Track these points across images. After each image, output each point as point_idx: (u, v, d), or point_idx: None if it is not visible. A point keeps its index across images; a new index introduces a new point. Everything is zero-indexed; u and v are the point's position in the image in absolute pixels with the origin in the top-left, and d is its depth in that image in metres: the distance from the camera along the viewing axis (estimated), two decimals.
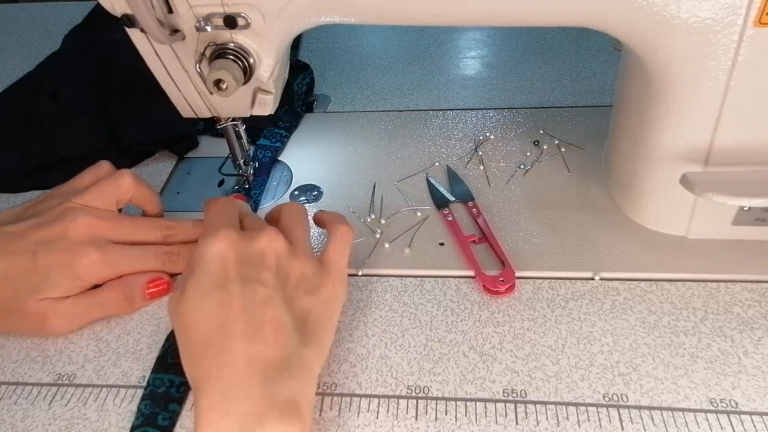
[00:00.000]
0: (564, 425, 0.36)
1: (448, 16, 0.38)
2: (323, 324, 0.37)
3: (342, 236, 0.41)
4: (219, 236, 0.36)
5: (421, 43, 0.76)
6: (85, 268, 0.41)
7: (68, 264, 0.40)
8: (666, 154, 0.43)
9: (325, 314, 0.37)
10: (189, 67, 0.42)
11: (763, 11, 0.35)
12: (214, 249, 0.35)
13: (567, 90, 0.64)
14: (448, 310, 0.43)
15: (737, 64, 0.37)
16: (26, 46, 0.82)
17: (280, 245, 0.37)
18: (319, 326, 0.36)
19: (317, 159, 0.58)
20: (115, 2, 0.37)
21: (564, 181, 0.53)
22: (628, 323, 0.41)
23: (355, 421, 0.37)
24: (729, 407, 0.36)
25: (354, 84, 0.69)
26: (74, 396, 0.40)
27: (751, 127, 0.40)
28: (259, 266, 0.36)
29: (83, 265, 0.41)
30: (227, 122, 0.49)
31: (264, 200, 0.53)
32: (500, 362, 0.39)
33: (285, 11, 0.38)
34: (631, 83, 0.44)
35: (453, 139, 0.58)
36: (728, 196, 0.39)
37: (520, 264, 0.45)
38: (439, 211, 0.50)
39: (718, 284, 0.43)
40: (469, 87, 0.66)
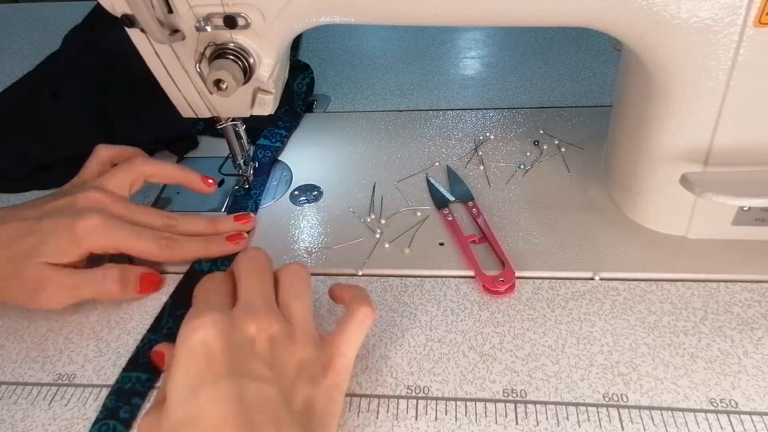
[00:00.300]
0: (564, 425, 0.36)
1: (448, 16, 0.38)
2: (326, 420, 0.32)
3: (361, 321, 0.35)
4: (203, 321, 0.31)
5: (421, 43, 0.76)
6: (84, 229, 0.41)
7: (68, 226, 0.41)
8: (666, 154, 0.43)
9: (328, 406, 0.33)
10: (189, 67, 0.42)
11: (763, 11, 0.35)
12: (197, 337, 0.31)
13: (567, 90, 0.64)
14: (447, 310, 0.43)
15: (737, 64, 0.37)
16: (26, 46, 0.82)
17: (272, 328, 0.32)
18: (325, 417, 0.32)
19: (317, 159, 0.58)
20: (115, 2, 0.37)
21: (564, 181, 0.53)
22: (628, 323, 0.41)
23: (355, 421, 0.37)
24: (729, 407, 0.36)
25: (354, 84, 0.69)
26: (74, 396, 0.40)
27: (751, 127, 0.40)
28: (250, 356, 0.31)
29: (83, 227, 0.41)
30: (227, 122, 0.49)
31: (264, 200, 0.53)
32: (500, 362, 0.39)
33: (285, 11, 0.38)
34: (631, 83, 0.44)
35: (453, 139, 0.58)
36: (728, 196, 0.39)
37: (520, 264, 0.45)
38: (439, 211, 0.50)
39: (718, 284, 0.43)
40: (469, 87, 0.66)
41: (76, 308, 0.45)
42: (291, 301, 0.35)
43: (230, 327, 0.32)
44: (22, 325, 0.45)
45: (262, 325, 0.32)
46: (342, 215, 0.51)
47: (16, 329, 0.44)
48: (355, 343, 0.35)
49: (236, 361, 0.31)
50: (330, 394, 0.33)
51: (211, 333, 0.31)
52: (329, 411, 0.33)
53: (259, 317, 0.33)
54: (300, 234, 0.50)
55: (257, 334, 0.32)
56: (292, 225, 0.51)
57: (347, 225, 0.50)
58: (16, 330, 0.44)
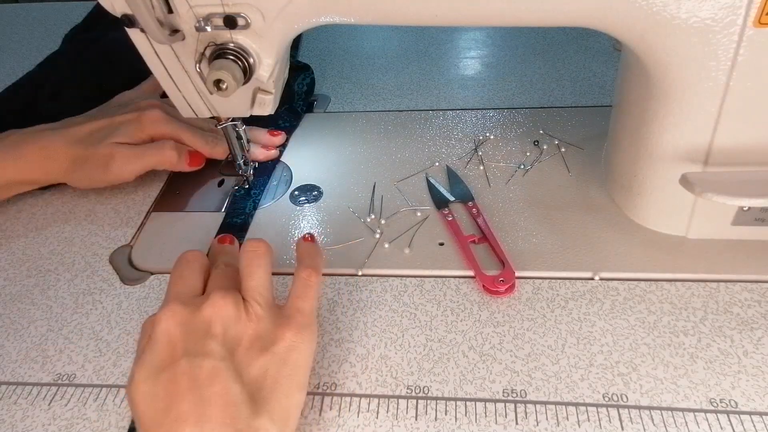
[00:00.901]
0: (564, 425, 0.36)
1: (448, 16, 0.38)
2: (282, 385, 0.34)
3: (304, 280, 0.38)
4: (165, 313, 0.35)
5: (421, 43, 0.76)
6: (148, 118, 0.52)
7: (136, 117, 0.52)
8: (666, 154, 0.43)
9: (283, 373, 0.35)
10: (189, 67, 0.41)
11: (762, 11, 0.35)
12: (161, 327, 0.34)
13: (567, 90, 0.64)
14: (447, 310, 0.43)
15: (737, 65, 0.37)
16: (26, 46, 0.82)
17: (226, 310, 0.35)
18: (277, 389, 0.34)
19: (317, 159, 0.58)
20: (115, 2, 0.37)
21: (564, 181, 0.53)
22: (628, 323, 0.41)
23: (355, 421, 0.37)
24: (729, 407, 0.36)
25: (354, 84, 0.69)
26: (74, 396, 0.40)
27: (750, 127, 0.40)
28: (206, 337, 0.34)
29: (148, 117, 0.52)
30: (227, 122, 0.49)
31: (264, 200, 0.53)
32: (500, 362, 0.39)
33: (285, 11, 0.38)
34: (631, 83, 0.44)
35: (453, 139, 0.58)
36: (728, 196, 0.39)
37: (520, 264, 0.45)
38: (438, 211, 0.50)
39: (718, 284, 0.43)
40: (469, 87, 0.66)
41: (76, 308, 0.46)
42: (246, 279, 0.38)
43: (190, 316, 0.35)
44: (22, 325, 0.45)
45: (216, 305, 0.35)
46: (342, 215, 0.51)
47: (16, 329, 0.45)
48: (307, 298, 0.38)
49: (192, 344, 0.34)
50: (286, 357, 0.35)
51: (171, 323, 0.35)
52: (284, 373, 0.35)
53: (213, 299, 0.35)
54: (300, 234, 0.50)
55: (212, 315, 0.35)
56: (292, 225, 0.51)
57: (347, 225, 0.50)
58: (16, 330, 0.44)
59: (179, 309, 0.35)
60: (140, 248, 0.50)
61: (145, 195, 0.55)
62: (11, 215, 0.55)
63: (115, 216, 0.53)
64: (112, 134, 0.51)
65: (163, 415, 0.32)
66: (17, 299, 0.47)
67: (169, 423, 0.31)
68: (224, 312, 0.35)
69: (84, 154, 0.51)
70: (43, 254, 0.51)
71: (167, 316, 0.35)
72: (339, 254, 0.48)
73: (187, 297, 0.37)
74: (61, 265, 0.49)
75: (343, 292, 0.45)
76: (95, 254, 0.50)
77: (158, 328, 0.34)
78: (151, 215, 0.53)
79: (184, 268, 0.39)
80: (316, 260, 0.41)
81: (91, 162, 0.51)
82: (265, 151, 0.57)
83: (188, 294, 0.37)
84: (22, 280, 0.48)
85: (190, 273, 0.39)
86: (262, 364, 0.34)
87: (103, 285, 0.47)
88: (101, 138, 0.51)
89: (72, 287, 0.47)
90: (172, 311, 0.35)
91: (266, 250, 0.39)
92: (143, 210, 0.54)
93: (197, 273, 0.39)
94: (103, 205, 0.55)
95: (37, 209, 0.55)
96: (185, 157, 0.53)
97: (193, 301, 0.36)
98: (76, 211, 0.54)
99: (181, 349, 0.34)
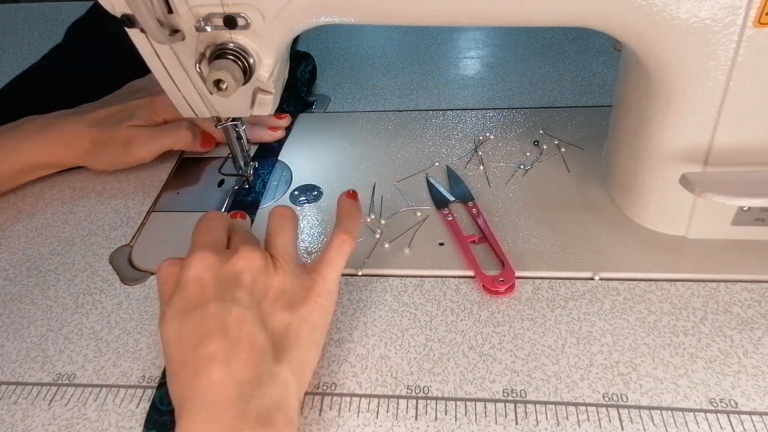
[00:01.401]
0: (564, 425, 0.36)
1: (448, 16, 0.38)
2: (302, 339, 0.36)
3: (338, 246, 0.40)
4: (195, 259, 0.36)
5: (421, 43, 0.76)
6: (161, 102, 0.54)
7: (149, 102, 0.55)
8: (666, 154, 0.43)
9: (304, 329, 0.37)
10: (189, 67, 0.41)
11: (762, 11, 0.35)
12: (191, 272, 0.36)
13: (567, 90, 0.64)
14: (447, 310, 0.43)
15: (737, 64, 0.37)
16: (26, 46, 0.82)
17: (256, 262, 0.37)
18: (297, 342, 0.36)
19: (317, 159, 0.58)
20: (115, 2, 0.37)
21: (564, 181, 0.53)
22: (628, 323, 0.41)
23: (355, 421, 0.37)
24: (729, 407, 0.36)
25: (354, 84, 0.69)
26: (74, 396, 0.40)
27: (750, 127, 0.40)
28: (235, 286, 0.36)
29: (160, 101, 0.54)
30: (227, 122, 0.49)
31: (264, 200, 0.53)
32: (500, 362, 0.39)
33: (285, 11, 0.38)
34: (631, 83, 0.44)
35: (453, 139, 0.58)
36: (728, 196, 0.39)
37: (520, 264, 0.45)
38: (438, 211, 0.50)
39: (718, 284, 0.43)
40: (469, 87, 0.66)
41: (76, 308, 0.46)
42: (275, 237, 0.40)
43: (219, 262, 0.37)
44: (22, 325, 0.45)
45: (247, 257, 0.37)
46: None
47: (16, 329, 0.45)
48: (335, 265, 0.39)
49: (222, 290, 0.36)
50: (307, 318, 0.37)
51: (201, 268, 0.36)
52: (305, 332, 0.37)
53: (244, 251, 0.37)
54: (300, 234, 0.50)
55: (242, 266, 0.37)
56: None
57: None
58: (16, 330, 0.44)
59: (209, 256, 0.37)
60: (140, 248, 0.50)
61: (145, 195, 0.55)
62: (11, 215, 0.55)
63: (115, 216, 0.53)
64: (129, 118, 0.54)
65: (191, 352, 0.34)
66: (17, 299, 0.47)
67: (197, 358, 0.33)
68: (254, 263, 0.37)
69: (103, 137, 0.54)
70: (43, 254, 0.51)
71: (197, 261, 0.36)
72: None
73: (214, 246, 0.38)
74: (61, 265, 0.49)
75: (343, 292, 0.45)
76: (95, 254, 0.50)
77: (189, 272, 0.36)
78: (151, 215, 0.53)
79: (209, 222, 0.41)
80: (355, 224, 0.41)
81: (110, 144, 0.54)
82: (272, 132, 0.59)
83: (214, 244, 0.38)
84: (22, 280, 0.48)
85: (215, 227, 0.40)
86: (286, 318, 0.36)
87: (103, 285, 0.47)
88: (118, 121, 0.54)
89: (72, 287, 0.47)
90: (202, 257, 0.36)
91: (294, 215, 0.42)
92: (143, 210, 0.54)
93: (222, 228, 0.40)
94: (103, 205, 0.55)
95: (37, 209, 0.55)
96: (199, 138, 0.56)
97: (222, 250, 0.38)
98: (76, 211, 0.54)
99: (211, 293, 0.35)
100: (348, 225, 0.41)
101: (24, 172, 0.55)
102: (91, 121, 0.54)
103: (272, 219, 0.41)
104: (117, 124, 0.54)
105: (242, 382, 0.33)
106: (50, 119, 0.55)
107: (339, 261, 0.40)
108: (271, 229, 0.41)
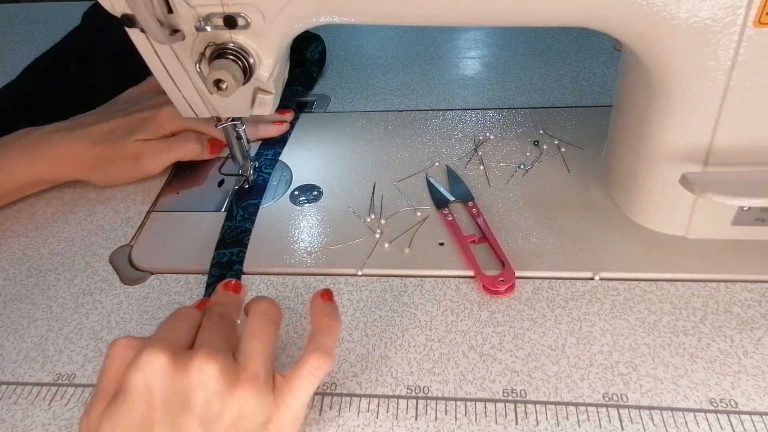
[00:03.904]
0: (564, 425, 0.36)
1: (448, 16, 0.38)
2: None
3: (310, 372, 0.33)
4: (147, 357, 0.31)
5: (421, 43, 0.76)
6: (165, 115, 0.54)
7: (153, 114, 0.54)
8: (666, 154, 0.43)
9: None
10: (189, 67, 0.41)
11: (762, 11, 0.35)
12: (139, 376, 0.31)
13: (567, 90, 0.64)
14: (447, 310, 0.43)
15: (737, 64, 0.37)
16: (26, 46, 0.82)
17: (212, 379, 0.31)
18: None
19: (317, 159, 0.58)
20: (115, 2, 0.37)
21: (564, 181, 0.53)
22: (628, 323, 0.41)
23: (355, 421, 0.37)
24: (729, 407, 0.36)
25: (354, 84, 0.69)
26: (74, 396, 0.40)
27: (750, 127, 0.40)
28: (183, 409, 0.31)
29: (164, 114, 0.54)
30: (227, 122, 0.49)
31: (264, 200, 0.53)
32: (500, 362, 0.39)
33: (285, 11, 0.38)
34: (631, 83, 0.44)
35: (453, 139, 0.58)
36: (728, 196, 0.39)
37: (520, 264, 0.45)
38: (438, 211, 0.50)
39: (718, 284, 0.43)
40: (469, 87, 0.66)
41: (76, 308, 0.46)
42: (249, 340, 0.34)
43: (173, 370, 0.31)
44: (22, 325, 0.45)
45: (201, 371, 0.31)
46: (342, 215, 0.51)
47: (16, 329, 0.45)
48: (303, 393, 0.33)
49: (168, 412, 0.31)
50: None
51: (151, 374, 0.31)
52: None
53: (199, 362, 0.32)
54: (300, 234, 0.50)
55: (195, 382, 0.31)
56: (292, 225, 0.51)
57: (347, 225, 0.50)
58: (16, 330, 0.44)
59: (163, 357, 0.31)
60: (140, 248, 0.50)
61: (145, 195, 0.55)
62: (11, 215, 0.55)
63: (115, 216, 0.53)
64: (135, 132, 0.53)
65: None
66: (17, 299, 0.47)
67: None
68: (210, 381, 0.31)
69: (109, 153, 0.53)
70: (43, 254, 0.51)
71: (148, 359, 0.31)
72: (339, 254, 0.48)
73: (173, 344, 0.33)
74: (61, 265, 0.49)
75: (343, 292, 0.45)
76: (95, 254, 0.50)
77: (137, 376, 0.31)
78: (151, 215, 0.53)
79: (178, 318, 0.36)
80: (332, 338, 0.35)
81: (118, 160, 0.53)
82: (278, 126, 0.60)
83: (175, 342, 0.33)
84: (22, 280, 0.48)
85: (183, 324, 0.35)
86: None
87: (103, 285, 0.47)
88: (123, 136, 0.53)
89: (72, 287, 0.47)
90: (155, 356, 0.31)
91: (278, 316, 0.36)
92: (143, 210, 0.54)
93: (189, 327, 0.35)
94: (103, 205, 0.55)
95: (37, 209, 0.55)
96: (206, 146, 0.56)
97: (179, 352, 0.32)
98: (76, 211, 0.55)
99: (157, 415, 0.31)
100: (324, 341, 0.34)
101: (22, 189, 0.54)
102: (94, 137, 0.53)
103: (252, 316, 0.35)
104: (123, 138, 0.53)
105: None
106: (49, 134, 0.53)
107: (308, 388, 0.33)
108: (247, 329, 0.35)
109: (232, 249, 0.48)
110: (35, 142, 0.52)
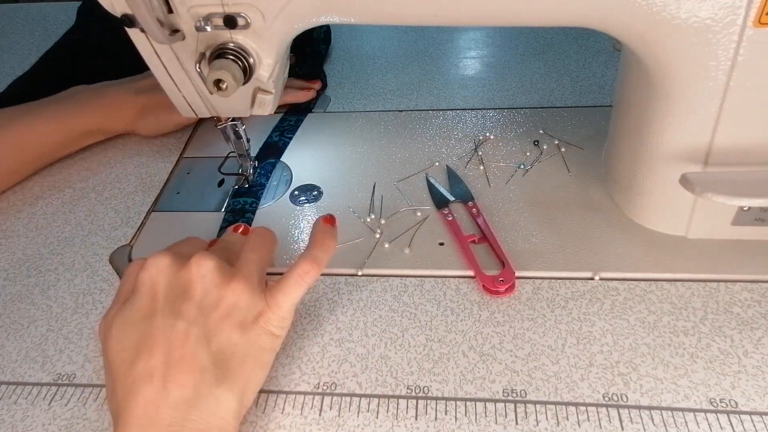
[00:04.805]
0: (564, 425, 0.36)
1: (448, 16, 0.38)
2: (248, 364, 0.36)
3: (299, 276, 0.38)
4: (153, 260, 0.36)
5: (421, 43, 0.76)
6: None
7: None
8: (666, 154, 0.43)
9: (251, 353, 0.36)
10: (189, 67, 0.42)
11: (762, 11, 0.35)
12: (145, 275, 0.36)
13: (567, 90, 0.64)
14: (447, 310, 0.43)
15: (737, 64, 0.37)
16: (26, 46, 0.82)
17: (208, 271, 0.36)
18: (243, 365, 0.35)
19: (317, 159, 0.58)
20: (115, 2, 0.37)
21: (564, 181, 0.53)
22: (628, 323, 0.41)
23: (355, 421, 0.37)
24: (729, 407, 0.36)
25: (354, 84, 0.69)
26: (74, 396, 0.40)
27: (750, 127, 0.40)
28: (183, 297, 0.35)
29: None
30: (227, 122, 0.49)
31: (264, 200, 0.53)
32: (500, 362, 0.39)
33: (285, 11, 0.38)
34: (631, 83, 0.44)
35: (453, 139, 0.58)
36: (728, 196, 0.39)
37: (520, 264, 0.45)
38: (438, 211, 0.50)
39: (718, 284, 0.43)
40: (469, 87, 0.66)
41: (76, 308, 0.46)
42: (247, 251, 0.39)
43: (175, 268, 0.36)
44: (22, 325, 0.45)
45: (200, 265, 0.36)
46: (342, 215, 0.51)
47: (16, 329, 0.45)
48: (292, 294, 0.38)
49: (170, 301, 0.35)
50: (257, 343, 0.36)
51: (155, 271, 0.36)
52: (253, 357, 0.36)
53: (197, 259, 0.36)
54: (300, 234, 0.50)
55: (194, 274, 0.36)
56: (292, 225, 0.51)
57: (347, 225, 0.50)
58: (16, 330, 0.44)
59: (167, 260, 0.36)
60: (140, 248, 0.50)
61: (145, 195, 0.55)
62: (11, 215, 0.55)
63: (115, 216, 0.53)
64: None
65: (129, 366, 0.33)
66: (17, 299, 0.47)
67: (134, 375, 0.33)
68: (205, 272, 0.36)
69: (152, 102, 0.58)
70: (43, 254, 0.51)
71: (154, 262, 0.36)
72: (339, 254, 0.47)
73: (176, 252, 0.38)
74: (61, 265, 0.49)
75: (343, 292, 0.45)
76: (95, 254, 0.50)
77: (143, 274, 0.36)
78: (151, 215, 0.53)
79: (185, 241, 0.41)
80: (326, 253, 0.40)
81: (158, 109, 0.58)
82: (305, 92, 0.63)
83: (178, 252, 0.38)
84: (22, 280, 0.48)
85: (189, 244, 0.41)
86: (234, 338, 0.35)
87: (103, 285, 0.47)
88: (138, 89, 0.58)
89: (72, 287, 0.47)
90: (160, 259, 0.36)
91: (274, 240, 0.42)
92: (143, 210, 0.54)
93: (193, 246, 0.41)
94: (103, 205, 0.55)
95: (37, 209, 0.55)
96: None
97: (181, 256, 0.37)
98: (76, 211, 0.55)
99: (160, 304, 0.35)
100: (317, 253, 0.39)
101: (75, 139, 0.58)
102: (138, 88, 0.58)
103: (252, 235, 0.41)
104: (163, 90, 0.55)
105: (177, 404, 0.32)
106: (98, 88, 0.59)
107: (297, 291, 0.38)
108: (247, 244, 0.40)
109: (246, 198, 0.52)
110: (87, 95, 0.58)
